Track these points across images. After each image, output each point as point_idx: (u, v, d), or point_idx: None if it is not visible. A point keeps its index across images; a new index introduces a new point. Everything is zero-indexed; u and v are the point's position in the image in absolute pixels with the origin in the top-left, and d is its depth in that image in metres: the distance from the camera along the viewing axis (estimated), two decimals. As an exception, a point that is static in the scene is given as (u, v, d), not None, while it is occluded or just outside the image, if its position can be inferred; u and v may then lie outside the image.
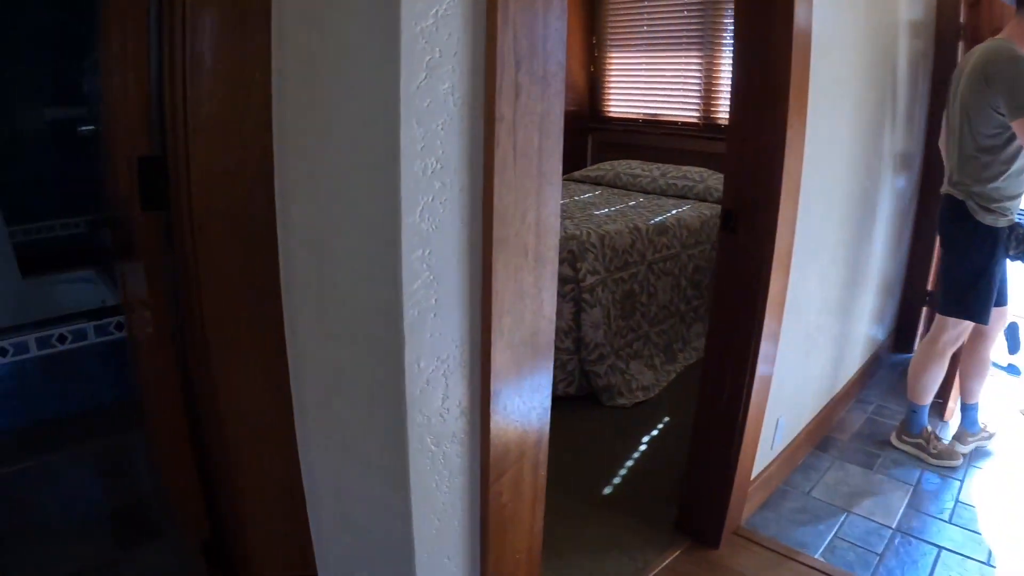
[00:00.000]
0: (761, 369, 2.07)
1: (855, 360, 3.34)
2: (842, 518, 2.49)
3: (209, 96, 1.27)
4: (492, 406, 1.12)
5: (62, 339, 2.43)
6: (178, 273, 1.46)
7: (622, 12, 4.69)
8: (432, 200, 0.97)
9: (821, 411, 2.99)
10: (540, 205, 1.10)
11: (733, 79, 1.94)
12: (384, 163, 0.94)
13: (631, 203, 3.86)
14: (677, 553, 2.22)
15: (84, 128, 2.92)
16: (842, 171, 2.54)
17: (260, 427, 1.42)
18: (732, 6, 4.01)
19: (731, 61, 2.01)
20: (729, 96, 1.97)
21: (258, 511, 1.53)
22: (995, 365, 3.65)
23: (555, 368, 2.87)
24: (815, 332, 2.66)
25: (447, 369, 1.06)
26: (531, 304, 1.14)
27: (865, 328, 3.33)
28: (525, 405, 1.20)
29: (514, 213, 1.06)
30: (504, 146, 1.01)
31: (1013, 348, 3.76)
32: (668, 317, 3.45)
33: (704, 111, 4.30)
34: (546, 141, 1.09)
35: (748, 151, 1.91)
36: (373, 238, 1.01)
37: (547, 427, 1.28)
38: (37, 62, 3.31)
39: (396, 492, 1.11)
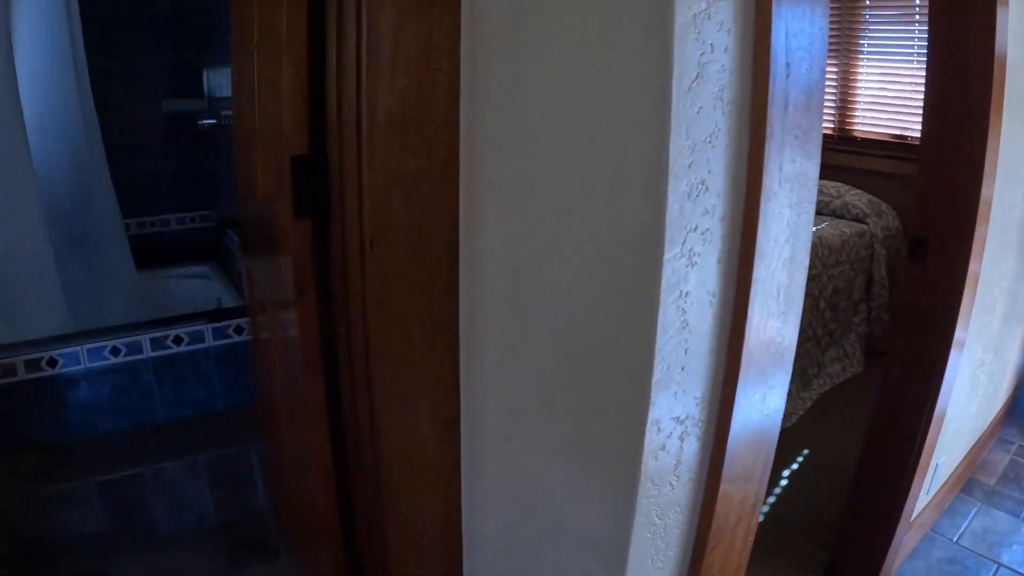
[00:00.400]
0: (939, 409, 1.86)
1: (1001, 396, 3.05)
2: (992, 570, 2.26)
3: (389, 88, 1.09)
4: (724, 471, 0.94)
5: (178, 340, 2.35)
6: (333, 285, 1.33)
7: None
8: (695, 230, 0.80)
9: (970, 452, 2.73)
10: (796, 239, 0.92)
11: (927, 96, 1.73)
12: (642, 181, 0.77)
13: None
14: (830, 604, 2.01)
15: (205, 122, 2.86)
16: (1021, 195, 2.27)
17: (420, 464, 1.27)
18: (869, 12, 3.74)
19: (923, 75, 1.79)
20: (921, 113, 1.76)
21: (406, 553, 1.39)
22: None
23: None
24: (978, 368, 2.41)
25: (684, 431, 0.89)
26: (773, 357, 0.96)
27: (1014, 362, 3.04)
28: (751, 465, 1.02)
29: (771, 250, 0.88)
30: (771, 168, 0.84)
31: None
32: (804, 341, 3.21)
33: (839, 122, 4.02)
34: (806, 163, 0.91)
35: (942, 173, 1.70)
36: (611, 273, 0.84)
37: (764, 488, 1.10)
38: (155, 51, 3.28)
39: (604, 568, 0.94)
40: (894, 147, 3.77)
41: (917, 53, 3.57)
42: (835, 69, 3.94)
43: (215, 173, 3.33)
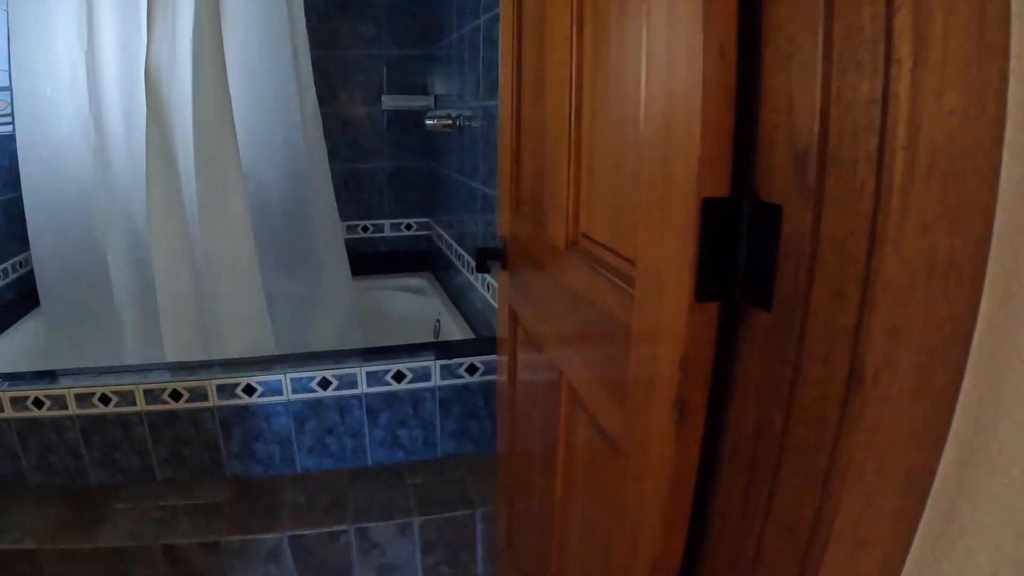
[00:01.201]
0: None
1: None
2: None
3: (935, 108, 0.52)
4: None
5: (399, 376, 1.94)
6: (745, 412, 0.77)
7: None
8: None
9: None
10: None
11: None
12: None
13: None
14: None
15: (435, 122, 2.46)
16: None
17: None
18: None
19: None
20: None
21: None
22: None
23: None
24: None
25: None
26: None
27: None
28: None
29: None
30: None
31: None
32: None
33: None
34: None
35: None
36: None
37: None
38: (376, 43, 2.96)
39: None
40: None
41: None
42: None
43: (436, 176, 2.96)
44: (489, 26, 2.04)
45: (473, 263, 2.49)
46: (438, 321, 2.66)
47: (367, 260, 3.06)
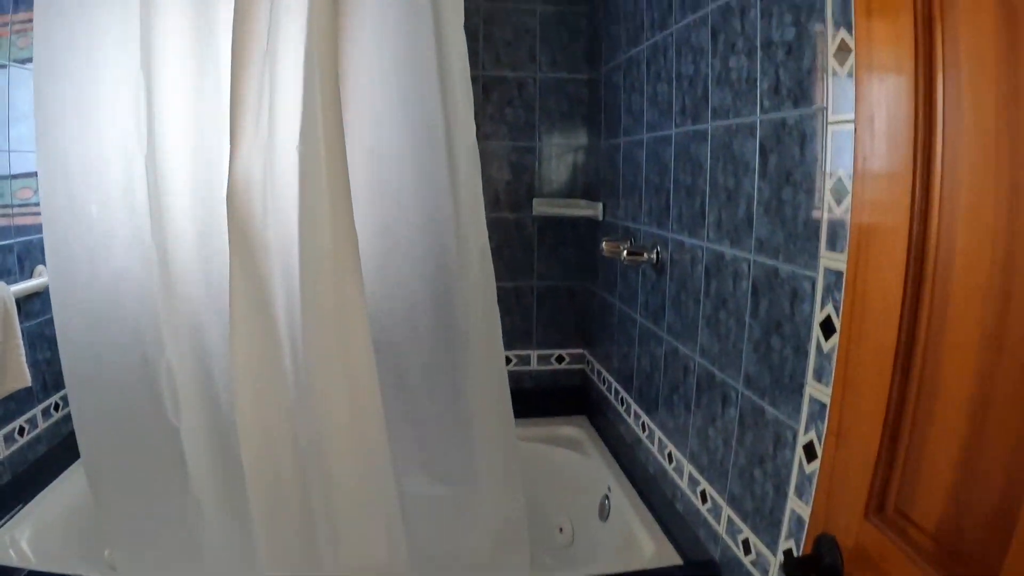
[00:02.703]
0: None
1: None
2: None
3: None
4: None
5: None
6: None
7: None
8: None
9: None
10: None
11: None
12: None
13: None
14: None
15: (621, 255, 1.84)
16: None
17: None
18: None
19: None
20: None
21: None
22: None
23: None
24: None
25: None
26: None
27: None
28: None
29: None
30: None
31: None
32: None
33: None
34: None
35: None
36: None
37: None
38: (530, 142, 2.40)
39: None
40: None
41: None
42: None
43: (594, 297, 2.34)
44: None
45: (638, 409, 1.84)
46: (607, 497, 2.01)
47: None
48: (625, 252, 1.77)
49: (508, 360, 2.48)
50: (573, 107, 2.40)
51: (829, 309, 1.03)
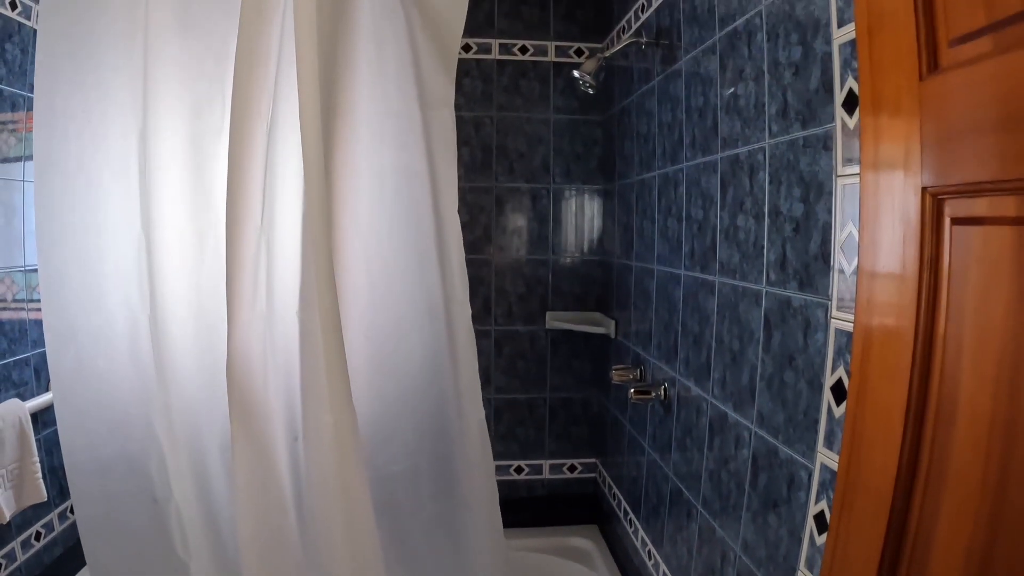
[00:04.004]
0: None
1: None
2: None
3: None
4: None
5: None
6: None
7: None
8: None
9: None
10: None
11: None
12: None
13: None
14: None
15: (630, 391, 1.86)
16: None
17: None
18: None
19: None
20: None
21: None
22: None
23: None
24: None
25: None
26: None
27: None
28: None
29: None
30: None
31: None
32: None
33: None
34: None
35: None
36: None
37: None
38: (542, 255, 2.46)
39: None
40: None
41: None
42: None
43: (608, 411, 2.36)
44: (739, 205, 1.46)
45: (645, 536, 1.83)
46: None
47: (522, 508, 2.45)
48: (633, 391, 1.79)
49: (520, 470, 2.49)
50: (588, 220, 2.46)
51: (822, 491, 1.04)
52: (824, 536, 1.02)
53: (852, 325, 0.96)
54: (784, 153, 1.18)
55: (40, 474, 1.70)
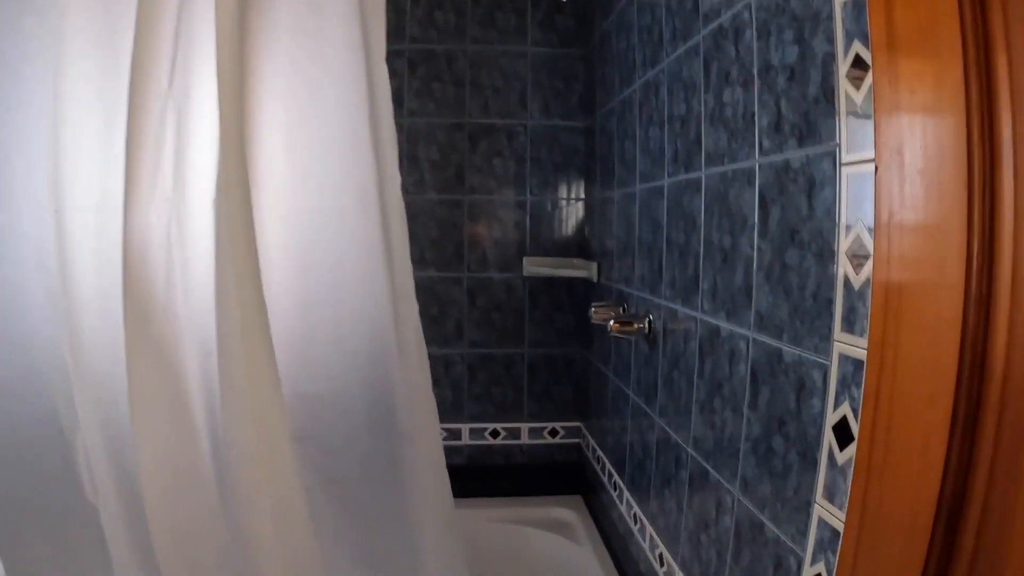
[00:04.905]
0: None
1: None
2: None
3: None
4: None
5: None
6: None
7: None
8: None
9: None
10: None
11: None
12: None
13: None
14: None
15: (609, 324, 1.58)
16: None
17: None
18: None
19: None
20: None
21: None
22: None
23: None
24: None
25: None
26: None
27: None
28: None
29: None
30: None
31: None
32: None
33: None
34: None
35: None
36: None
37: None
38: (520, 194, 2.19)
39: None
40: None
41: None
42: None
43: (591, 368, 2.07)
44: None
45: (630, 498, 1.55)
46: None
47: (498, 476, 2.18)
48: (614, 323, 1.51)
49: (496, 433, 2.21)
50: (567, 157, 2.19)
51: (845, 408, 0.77)
52: (848, 450, 0.74)
53: (873, 164, 0.68)
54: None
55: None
